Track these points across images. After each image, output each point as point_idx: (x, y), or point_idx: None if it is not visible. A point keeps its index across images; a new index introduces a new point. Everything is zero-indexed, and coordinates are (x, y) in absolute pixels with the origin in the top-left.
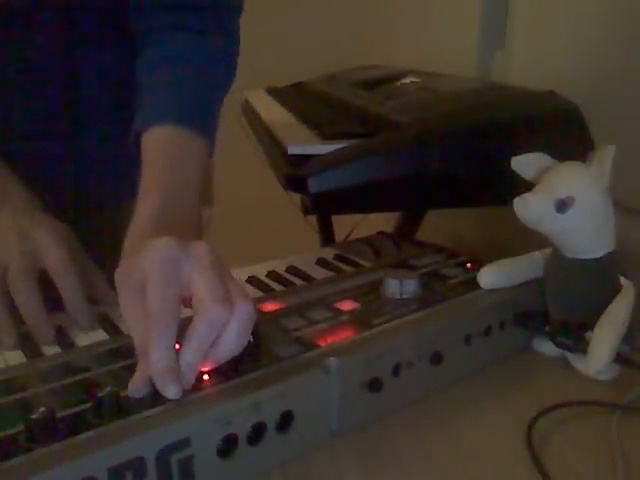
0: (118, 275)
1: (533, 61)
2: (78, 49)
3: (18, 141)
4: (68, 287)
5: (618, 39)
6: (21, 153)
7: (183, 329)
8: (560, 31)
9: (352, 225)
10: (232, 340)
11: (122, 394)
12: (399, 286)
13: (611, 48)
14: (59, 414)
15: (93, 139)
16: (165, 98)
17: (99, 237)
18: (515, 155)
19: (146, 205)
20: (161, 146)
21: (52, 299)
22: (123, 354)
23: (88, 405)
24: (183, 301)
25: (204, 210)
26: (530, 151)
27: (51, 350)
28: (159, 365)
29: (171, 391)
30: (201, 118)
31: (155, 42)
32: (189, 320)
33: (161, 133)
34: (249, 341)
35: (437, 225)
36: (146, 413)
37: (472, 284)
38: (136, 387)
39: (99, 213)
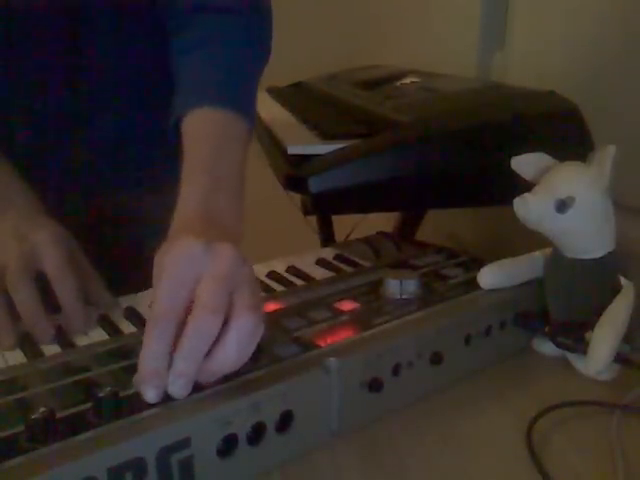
0: (155, 261)
1: (533, 61)
2: (84, 36)
3: (23, 132)
4: (64, 289)
5: (618, 39)
6: (26, 146)
7: None
8: (560, 31)
9: (352, 225)
10: (229, 352)
11: (122, 394)
12: (399, 286)
13: (611, 48)
14: (59, 414)
15: (99, 128)
16: (202, 80)
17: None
18: (515, 155)
19: (192, 187)
20: (203, 128)
21: (52, 302)
22: (123, 354)
23: (88, 405)
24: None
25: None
26: (530, 151)
27: (51, 350)
28: (146, 366)
29: (149, 395)
30: (238, 97)
31: (183, 28)
32: None
33: (202, 115)
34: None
35: (437, 225)
36: (146, 413)
37: (472, 284)
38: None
39: (97, 202)
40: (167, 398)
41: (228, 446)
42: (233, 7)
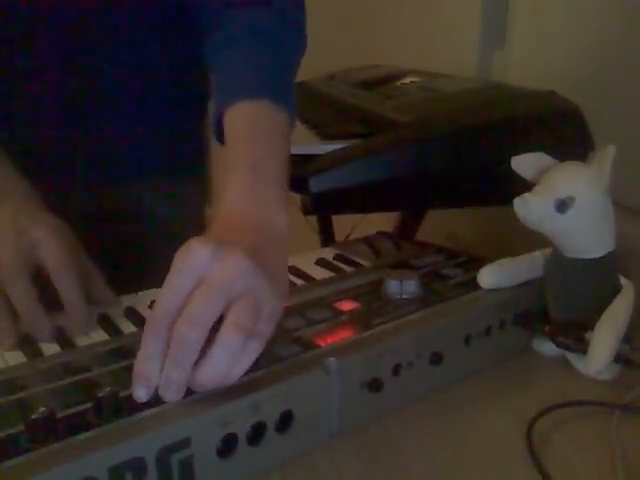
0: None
1: (533, 61)
2: (87, 33)
3: (31, 127)
4: (66, 286)
5: (618, 39)
6: (34, 139)
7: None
8: (560, 31)
9: (352, 225)
10: (211, 368)
11: (122, 394)
12: (399, 286)
13: (611, 48)
14: (59, 414)
15: (111, 122)
16: (241, 74)
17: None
18: (515, 155)
19: (236, 179)
20: (244, 121)
21: (51, 300)
22: (123, 354)
23: (88, 405)
24: None
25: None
26: (530, 151)
27: (51, 350)
28: (137, 365)
29: (138, 393)
30: (278, 88)
31: (218, 24)
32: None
33: (242, 108)
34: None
35: (437, 225)
36: (146, 413)
37: (472, 284)
38: None
39: (111, 194)
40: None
41: (228, 446)
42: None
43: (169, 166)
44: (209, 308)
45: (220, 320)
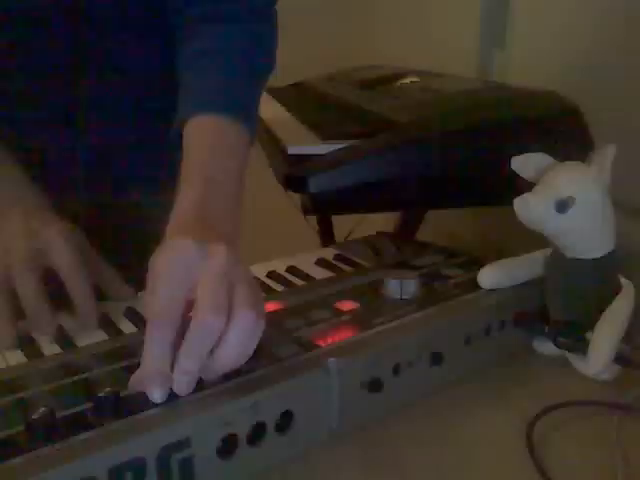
0: (150, 262)
1: (533, 61)
2: (87, 34)
3: (27, 128)
4: (76, 286)
5: (618, 40)
6: (31, 142)
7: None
8: (560, 31)
9: (352, 225)
10: (231, 350)
11: (122, 394)
12: (399, 286)
13: (611, 48)
14: (59, 414)
15: (102, 124)
16: (205, 89)
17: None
18: (515, 155)
19: (189, 191)
20: (204, 134)
21: (59, 299)
22: (123, 354)
23: (88, 405)
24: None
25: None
26: (530, 151)
27: (51, 350)
28: (149, 366)
29: (156, 395)
30: (241, 106)
31: (192, 35)
32: None
33: (203, 122)
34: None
35: (437, 225)
36: (146, 413)
37: (472, 284)
38: (135, 383)
39: (111, 201)
40: (167, 398)
41: (228, 446)
42: (240, 17)
43: (169, 170)
44: (223, 296)
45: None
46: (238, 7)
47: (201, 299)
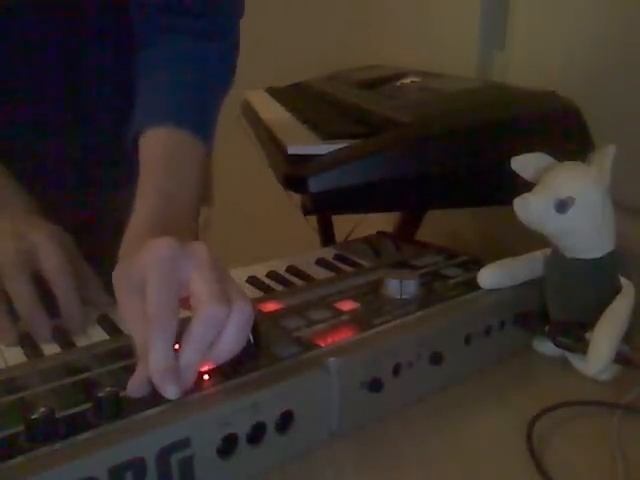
0: (116, 275)
1: (533, 61)
2: (78, 42)
3: (18, 134)
4: (63, 287)
5: (618, 39)
6: (20, 147)
7: (183, 329)
8: (560, 31)
9: (352, 225)
10: (231, 340)
11: (122, 394)
12: (399, 286)
13: (611, 48)
14: (59, 414)
15: (93, 131)
16: (163, 100)
17: (98, 231)
18: (515, 155)
19: (143, 205)
20: (159, 147)
21: (50, 304)
22: (123, 354)
23: (88, 405)
24: (181, 302)
25: (203, 210)
26: (530, 151)
27: (51, 350)
28: (159, 365)
29: (171, 391)
30: (199, 120)
31: (153, 44)
32: (189, 320)
33: (159, 134)
34: (249, 341)
35: (437, 225)
36: (146, 413)
37: (472, 284)
38: (135, 387)
39: (100, 206)
40: (167, 398)
41: (228, 446)
42: (204, 32)
43: None
44: (221, 287)
45: None
46: (204, 22)
47: (200, 293)
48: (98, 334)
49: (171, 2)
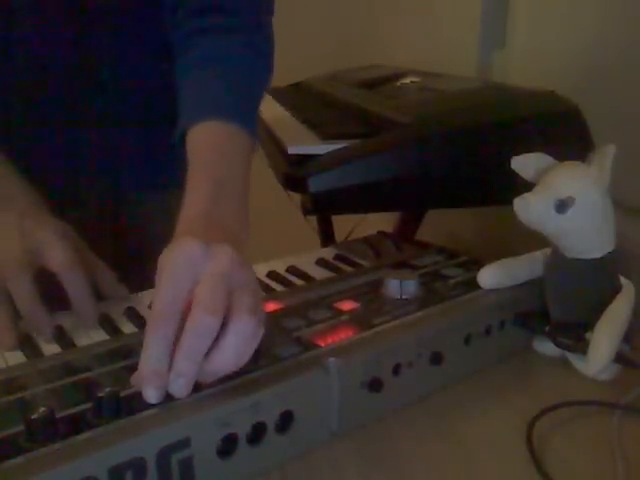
0: (158, 263)
1: (533, 61)
2: (87, 35)
3: (20, 132)
4: (74, 284)
5: (618, 39)
6: (22, 145)
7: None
8: (560, 31)
9: (352, 225)
10: (226, 355)
11: (122, 394)
12: (399, 286)
13: (611, 48)
14: (59, 414)
15: (92, 130)
16: (207, 95)
17: (97, 229)
18: (515, 155)
19: (196, 194)
20: (208, 139)
21: (53, 300)
22: (123, 354)
23: (88, 405)
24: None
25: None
26: (530, 151)
27: (51, 350)
28: (147, 365)
29: (151, 395)
30: (243, 113)
31: (190, 46)
32: None
33: (207, 128)
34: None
35: (437, 225)
36: (146, 413)
37: (472, 284)
38: (136, 381)
39: (99, 205)
40: (167, 398)
41: (228, 446)
42: (237, 28)
43: (169, 168)
44: (221, 298)
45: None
46: (237, 20)
47: (197, 299)
48: (98, 334)
49: (202, 5)
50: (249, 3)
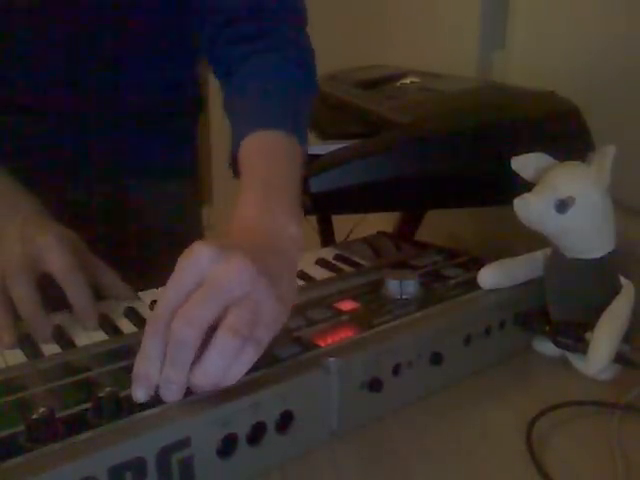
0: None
1: (533, 61)
2: (89, 33)
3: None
4: (73, 288)
5: (618, 39)
6: (22, 145)
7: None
8: (560, 31)
9: (352, 225)
10: (208, 368)
11: (122, 394)
12: (399, 286)
13: (611, 48)
14: (59, 414)
15: (117, 130)
16: (257, 110)
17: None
18: (515, 155)
19: (251, 191)
20: (262, 145)
21: (57, 304)
22: (123, 354)
23: (88, 405)
24: None
25: (203, 211)
26: (530, 151)
27: (51, 350)
28: (138, 367)
29: (139, 395)
30: (293, 121)
31: (236, 71)
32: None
33: (261, 135)
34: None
35: (437, 225)
36: (146, 413)
37: (472, 284)
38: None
39: (99, 206)
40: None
41: (228, 446)
42: (279, 46)
43: (168, 169)
44: (206, 309)
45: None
46: (273, 40)
47: (182, 308)
48: (98, 334)
49: (239, 33)
50: (286, 20)
